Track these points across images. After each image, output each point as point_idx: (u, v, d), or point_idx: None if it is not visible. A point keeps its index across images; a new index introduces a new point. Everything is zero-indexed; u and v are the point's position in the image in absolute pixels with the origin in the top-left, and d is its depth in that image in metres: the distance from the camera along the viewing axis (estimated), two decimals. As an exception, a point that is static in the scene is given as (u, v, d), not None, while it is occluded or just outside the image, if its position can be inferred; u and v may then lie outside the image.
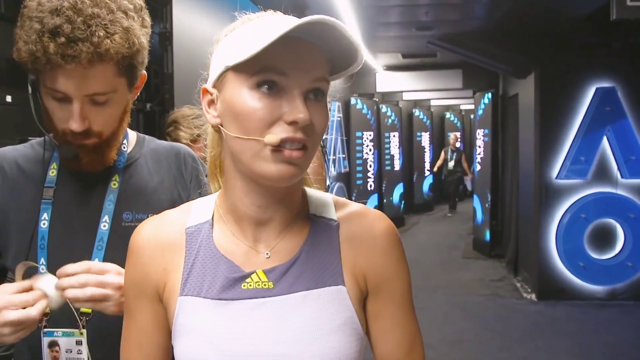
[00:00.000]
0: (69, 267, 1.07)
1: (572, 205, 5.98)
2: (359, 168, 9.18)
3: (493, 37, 6.14)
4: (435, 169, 12.99)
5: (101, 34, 1.06)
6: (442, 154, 12.74)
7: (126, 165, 1.28)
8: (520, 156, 6.87)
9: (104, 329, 1.12)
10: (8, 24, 2.89)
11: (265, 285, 0.87)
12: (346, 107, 8.80)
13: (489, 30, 6.06)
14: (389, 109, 10.74)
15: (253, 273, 0.87)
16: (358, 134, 9.09)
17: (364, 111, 9.19)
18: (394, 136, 10.99)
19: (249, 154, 0.81)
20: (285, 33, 0.74)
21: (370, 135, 9.35)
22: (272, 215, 0.89)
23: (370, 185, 9.48)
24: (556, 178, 5.98)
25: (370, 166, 9.46)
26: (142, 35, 1.15)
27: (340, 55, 0.83)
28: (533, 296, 6.19)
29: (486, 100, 8.26)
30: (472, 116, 13.33)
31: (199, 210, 0.94)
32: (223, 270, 0.88)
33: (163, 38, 3.11)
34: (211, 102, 0.87)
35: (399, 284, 0.93)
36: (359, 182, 9.17)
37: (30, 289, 1.07)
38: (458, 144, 12.69)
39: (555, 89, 5.88)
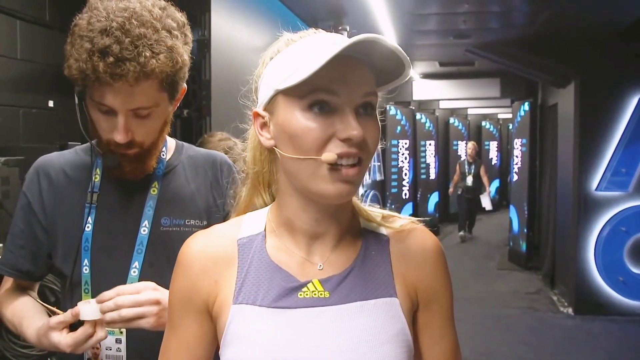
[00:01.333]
0: (105, 294, 1.12)
1: (612, 217, 5.83)
2: (394, 176, 9.14)
3: (532, 45, 6.05)
4: (451, 189, 10.61)
5: (147, 54, 1.11)
6: (457, 167, 10.45)
7: (165, 172, 1.33)
8: (559, 167, 6.74)
9: (143, 330, 1.15)
10: (51, 31, 2.99)
11: (321, 294, 0.88)
12: (382, 115, 8.73)
13: (528, 39, 5.97)
14: (425, 117, 10.67)
15: (309, 282, 0.89)
16: (394, 142, 9.06)
17: (400, 119, 9.15)
18: (430, 145, 10.92)
19: (306, 173, 0.83)
20: (335, 55, 0.76)
21: (406, 143, 9.31)
22: (327, 229, 0.91)
23: (405, 194, 9.42)
24: (596, 190, 5.84)
25: (406, 174, 9.41)
26: (185, 52, 1.19)
27: (386, 66, 0.84)
28: (570, 310, 6.05)
29: (524, 110, 8.14)
30: (509, 125, 13.00)
31: (250, 223, 0.95)
32: (278, 279, 0.89)
33: (201, 45, 3.16)
34: (264, 125, 0.89)
35: (446, 296, 0.97)
36: (393, 190, 9.12)
37: (75, 319, 1.12)
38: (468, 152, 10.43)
39: (596, 99, 5.76)
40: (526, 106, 8.08)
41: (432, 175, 10.93)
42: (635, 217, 5.78)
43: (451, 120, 12.98)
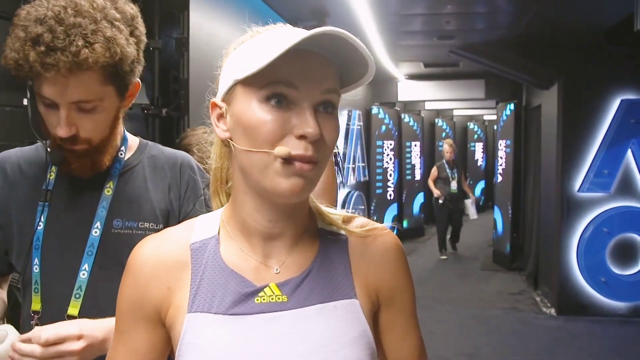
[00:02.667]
0: (21, 346, 1.08)
1: (594, 219, 5.86)
2: (379, 177, 9.14)
3: (516, 47, 6.08)
4: (439, 193, 8.75)
5: (80, 43, 1.08)
6: (435, 171, 8.85)
7: (122, 171, 1.29)
8: (542, 168, 6.77)
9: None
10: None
11: (279, 299, 0.85)
12: (367, 116, 8.77)
13: (511, 40, 5.99)
14: (410, 118, 10.69)
15: (266, 287, 0.86)
16: (379, 142, 9.06)
17: (385, 120, 9.16)
18: (415, 145, 10.93)
19: (258, 167, 0.80)
20: (293, 46, 0.73)
21: (391, 144, 9.31)
22: (282, 231, 0.88)
23: (390, 195, 9.43)
24: (578, 191, 5.87)
25: (390, 175, 9.41)
26: (129, 45, 1.16)
27: (352, 66, 0.82)
28: (553, 311, 6.08)
29: (509, 111, 8.18)
30: (495, 126, 13.05)
31: (203, 226, 0.92)
32: (234, 285, 0.85)
33: (180, 44, 3.12)
34: (220, 116, 0.86)
35: (407, 295, 0.95)
36: (378, 191, 9.12)
37: None
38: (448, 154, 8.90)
39: (579, 101, 5.79)
40: (510, 107, 8.11)
41: (418, 176, 10.95)
42: (617, 218, 5.81)
43: (437, 121, 13.01)
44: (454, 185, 8.71)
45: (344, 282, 0.89)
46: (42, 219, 1.22)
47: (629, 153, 5.74)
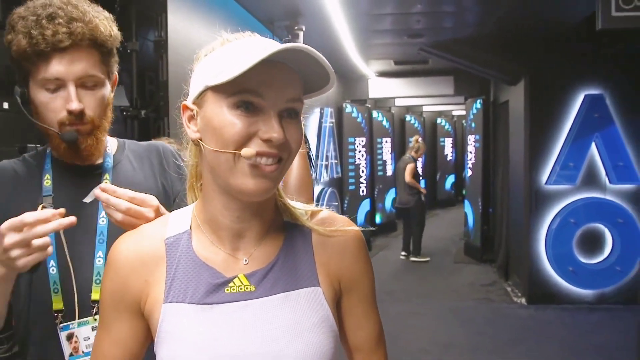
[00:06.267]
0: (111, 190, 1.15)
1: (561, 210, 6.06)
2: (351, 173, 9.24)
3: (484, 44, 6.23)
4: (424, 190, 8.69)
5: (91, 16, 1.23)
6: (414, 168, 8.51)
7: (113, 165, 1.37)
8: (511, 162, 6.95)
9: None
10: (2, 31, 2.93)
11: (247, 288, 0.92)
12: (339, 113, 8.86)
13: (479, 38, 6.14)
14: (381, 115, 10.82)
15: (235, 278, 0.93)
16: (350, 139, 9.16)
17: (357, 117, 9.26)
18: (386, 142, 11.06)
19: (226, 167, 0.87)
20: (262, 60, 0.80)
21: (362, 140, 9.41)
22: (249, 225, 0.95)
23: (363, 191, 9.54)
24: (546, 183, 6.05)
25: (363, 171, 9.52)
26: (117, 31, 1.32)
27: (315, 76, 0.90)
28: (523, 300, 6.26)
29: (477, 107, 8.35)
30: (463, 122, 13.25)
31: (176, 221, 0.99)
32: (205, 276, 0.92)
33: (158, 46, 3.16)
34: (191, 118, 0.92)
35: (367, 283, 1.02)
36: (351, 187, 9.22)
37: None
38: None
39: (545, 96, 5.97)
40: (479, 103, 8.28)
41: (389, 172, 11.08)
42: (583, 209, 6.02)
43: (407, 117, 13.17)
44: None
45: (308, 272, 0.96)
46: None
47: (593, 146, 5.95)
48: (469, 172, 8.82)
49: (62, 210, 1.09)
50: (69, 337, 1.24)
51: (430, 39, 6.39)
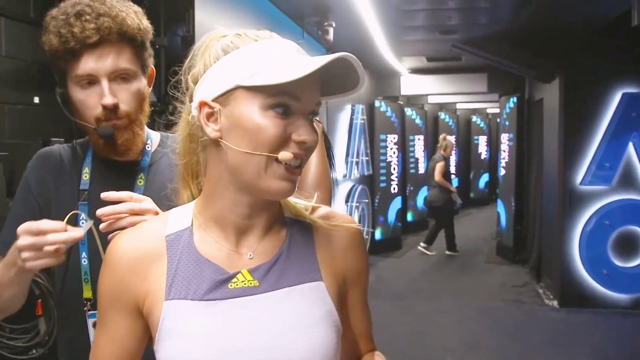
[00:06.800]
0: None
1: (596, 211, 5.91)
2: (382, 171, 9.18)
3: (517, 40, 6.11)
4: (454, 189, 8.82)
5: (118, 10, 1.25)
6: (443, 166, 8.59)
7: (150, 163, 1.39)
8: (545, 161, 6.81)
9: None
10: (36, 28, 2.99)
11: (251, 284, 0.92)
12: (370, 110, 8.81)
13: (513, 34, 6.03)
14: (413, 112, 10.72)
15: (238, 273, 0.92)
16: (382, 136, 9.10)
17: (388, 114, 9.20)
18: (418, 139, 10.98)
19: (255, 168, 0.87)
20: (316, 70, 0.81)
21: (394, 138, 9.35)
22: (256, 222, 0.95)
23: (394, 188, 9.47)
24: (580, 184, 5.91)
25: (394, 169, 9.45)
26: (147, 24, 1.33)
27: (342, 77, 0.90)
28: (555, 303, 6.13)
29: (511, 105, 8.20)
30: (498, 120, 13.04)
31: (176, 218, 0.98)
32: (208, 272, 0.92)
33: (185, 42, 3.18)
34: (210, 115, 0.90)
35: (365, 278, 1.06)
36: (382, 184, 9.17)
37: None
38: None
39: (580, 94, 5.82)
40: (513, 101, 8.13)
41: (421, 170, 10.98)
42: (619, 211, 5.85)
43: (440, 114, 13.03)
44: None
45: (310, 266, 0.96)
46: (84, 218, 1.28)
47: (631, 146, 5.78)
48: (502, 171, 8.69)
49: (89, 223, 1.13)
50: (95, 325, 1.25)
51: (463, 35, 6.30)
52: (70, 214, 1.14)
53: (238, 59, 0.88)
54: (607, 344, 5.03)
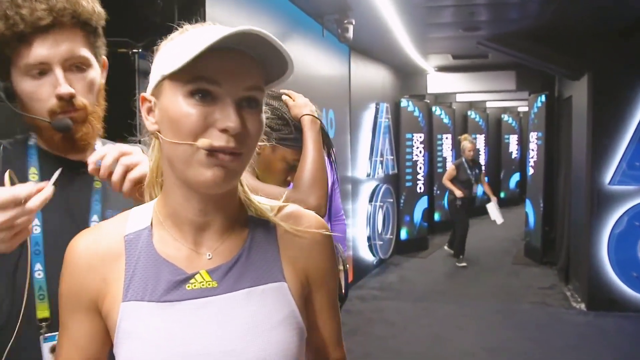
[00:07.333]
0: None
1: (626, 212, 5.72)
2: (408, 170, 9.08)
3: (544, 37, 5.95)
4: (459, 193, 7.90)
5: None
6: (453, 170, 8.02)
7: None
8: (573, 160, 6.63)
9: None
10: None
11: (209, 284, 0.89)
12: (396, 109, 8.72)
13: (539, 30, 5.87)
14: (441, 111, 10.59)
15: (197, 274, 0.90)
16: (408, 135, 8.99)
17: (415, 113, 9.09)
18: (446, 138, 10.83)
19: (182, 158, 0.84)
20: (211, 45, 0.77)
21: (420, 137, 9.24)
22: (212, 219, 0.92)
23: (420, 188, 9.37)
24: (609, 184, 5.74)
25: (420, 168, 9.34)
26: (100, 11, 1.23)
27: (275, 63, 0.85)
28: (582, 306, 5.97)
29: (540, 103, 8.03)
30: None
31: (136, 217, 0.95)
32: (165, 273, 0.89)
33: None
34: (150, 110, 0.89)
35: (332, 279, 1.02)
36: (408, 184, 9.07)
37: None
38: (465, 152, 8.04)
39: (610, 92, 5.65)
40: (542, 99, 7.96)
41: (449, 169, 10.84)
42: (650, 212, 5.66)
43: (469, 113, 12.85)
44: (477, 189, 7.65)
45: (273, 267, 0.93)
46: (38, 223, 1.19)
47: (662, 145, 5.59)
48: (531, 170, 8.51)
49: (56, 173, 1.02)
50: (53, 350, 1.13)
51: (488, 32, 6.17)
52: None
53: (166, 49, 0.87)
54: (635, 349, 4.86)
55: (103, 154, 1.10)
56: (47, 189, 0.98)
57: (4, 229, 0.94)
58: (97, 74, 1.23)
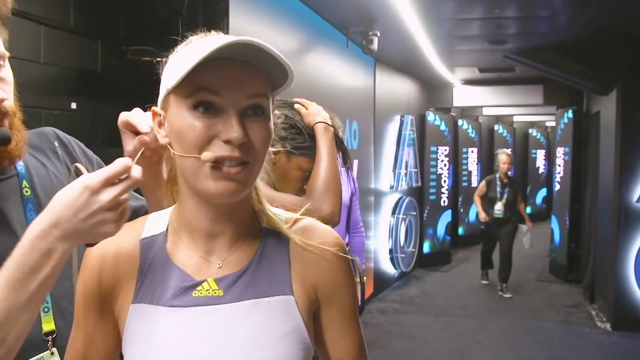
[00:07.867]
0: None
1: (654, 231, 5.60)
2: (432, 183, 9.02)
3: (571, 50, 5.89)
4: (483, 217, 7.16)
5: None
6: (484, 186, 7.27)
7: (26, 167, 1.18)
8: (600, 177, 6.52)
9: None
10: (75, 35, 3.09)
11: (215, 293, 0.90)
12: (421, 121, 8.68)
13: (567, 44, 5.81)
14: (467, 124, 10.51)
15: (204, 281, 0.90)
16: (433, 148, 8.95)
17: (441, 126, 9.04)
18: (472, 152, 10.74)
19: (190, 170, 0.85)
20: (208, 55, 0.78)
21: (445, 150, 9.18)
22: (223, 229, 0.92)
23: (444, 201, 9.30)
24: (637, 201, 5.62)
25: (445, 181, 9.28)
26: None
27: (276, 71, 0.86)
28: (608, 326, 5.84)
29: (567, 117, 7.92)
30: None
31: (153, 222, 0.97)
32: (175, 278, 0.91)
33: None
34: (160, 123, 0.91)
35: (346, 295, 0.98)
36: (432, 197, 9.01)
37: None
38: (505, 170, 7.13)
39: (639, 107, 5.55)
40: (569, 114, 7.85)
41: (474, 183, 10.71)
42: (679, 231, 5.53)
43: (496, 127, 12.73)
44: (498, 207, 7.00)
45: (282, 279, 0.92)
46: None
47: (693, 163, 5.46)
48: (557, 186, 8.38)
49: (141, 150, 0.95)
50: None
51: (514, 45, 6.12)
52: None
53: (171, 63, 0.89)
54: (661, 372, 4.75)
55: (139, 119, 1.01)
56: (136, 169, 0.85)
57: (114, 206, 0.83)
58: (9, 69, 1.07)
